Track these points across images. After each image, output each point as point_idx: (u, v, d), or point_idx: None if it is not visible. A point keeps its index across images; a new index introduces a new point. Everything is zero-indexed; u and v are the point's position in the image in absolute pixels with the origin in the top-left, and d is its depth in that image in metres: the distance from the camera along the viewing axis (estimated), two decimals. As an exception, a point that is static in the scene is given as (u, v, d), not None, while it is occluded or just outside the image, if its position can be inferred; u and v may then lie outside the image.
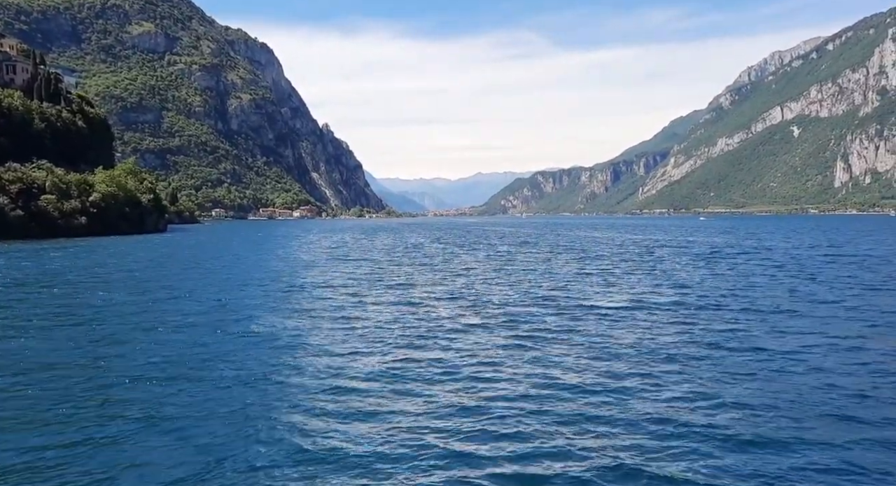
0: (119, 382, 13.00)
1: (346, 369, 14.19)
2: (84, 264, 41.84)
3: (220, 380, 13.23)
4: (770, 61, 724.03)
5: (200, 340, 17.42)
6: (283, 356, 15.41)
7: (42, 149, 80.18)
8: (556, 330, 18.82)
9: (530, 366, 14.47)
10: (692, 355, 15.34)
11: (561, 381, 13.12)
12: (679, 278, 33.08)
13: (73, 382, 12.95)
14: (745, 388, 12.60)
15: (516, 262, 46.01)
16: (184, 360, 14.95)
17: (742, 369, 14.09)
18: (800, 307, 22.86)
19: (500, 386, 12.82)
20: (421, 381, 13.22)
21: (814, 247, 61.57)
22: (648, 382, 13.02)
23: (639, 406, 11.39)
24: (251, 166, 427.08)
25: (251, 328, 19.18)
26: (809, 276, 34.02)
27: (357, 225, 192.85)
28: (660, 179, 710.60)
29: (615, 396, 12.09)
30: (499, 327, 19.40)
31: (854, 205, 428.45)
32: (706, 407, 11.36)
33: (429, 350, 16.19)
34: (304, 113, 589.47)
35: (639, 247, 64.12)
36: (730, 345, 16.50)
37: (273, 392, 12.43)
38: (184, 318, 21.00)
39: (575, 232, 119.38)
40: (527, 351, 16.01)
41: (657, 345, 16.52)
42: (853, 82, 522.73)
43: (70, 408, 11.26)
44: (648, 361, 14.82)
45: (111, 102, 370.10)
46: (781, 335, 17.78)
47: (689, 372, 13.79)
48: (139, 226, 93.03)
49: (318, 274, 37.05)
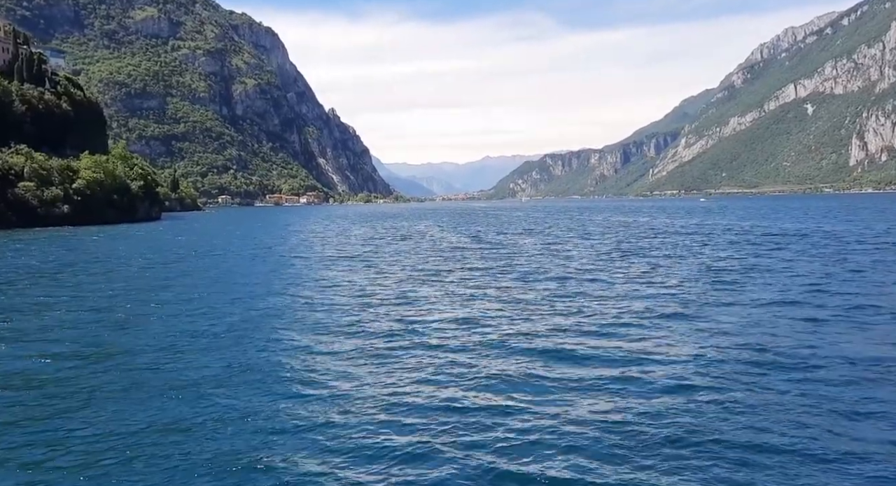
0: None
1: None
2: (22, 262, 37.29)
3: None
4: (783, 38, 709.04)
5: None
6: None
7: (22, 133, 76.17)
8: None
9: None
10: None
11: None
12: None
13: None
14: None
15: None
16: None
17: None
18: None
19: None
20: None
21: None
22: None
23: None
24: (257, 152, 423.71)
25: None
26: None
27: (355, 212, 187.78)
28: (671, 160, 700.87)
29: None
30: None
31: (870, 183, 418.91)
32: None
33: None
34: (310, 98, 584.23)
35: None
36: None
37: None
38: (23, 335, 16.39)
39: (587, 216, 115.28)
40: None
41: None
42: (869, 58, 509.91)
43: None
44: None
45: (115, 88, 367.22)
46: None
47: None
48: (130, 214, 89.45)
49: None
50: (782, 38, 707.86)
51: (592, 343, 14.63)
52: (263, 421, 9.89)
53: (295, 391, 11.29)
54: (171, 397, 11.01)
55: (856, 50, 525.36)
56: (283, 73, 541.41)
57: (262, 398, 10.97)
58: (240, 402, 10.76)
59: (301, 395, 11.08)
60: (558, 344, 14.58)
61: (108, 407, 10.55)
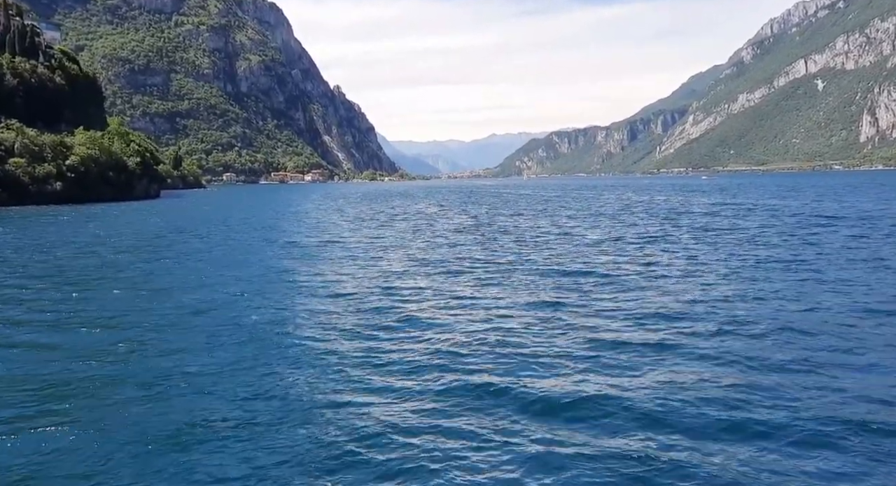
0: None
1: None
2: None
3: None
4: (794, 13, 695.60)
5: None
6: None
7: (13, 107, 74.51)
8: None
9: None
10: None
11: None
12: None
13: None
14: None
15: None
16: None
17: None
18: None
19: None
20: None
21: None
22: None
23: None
24: (262, 130, 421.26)
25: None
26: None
27: (356, 191, 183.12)
28: (678, 137, 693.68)
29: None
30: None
31: (881, 159, 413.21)
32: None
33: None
34: (315, 75, 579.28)
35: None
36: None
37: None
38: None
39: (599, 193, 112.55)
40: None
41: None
42: (882, 32, 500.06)
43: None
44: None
45: (118, 64, 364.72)
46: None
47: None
48: (127, 191, 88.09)
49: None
50: (793, 12, 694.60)
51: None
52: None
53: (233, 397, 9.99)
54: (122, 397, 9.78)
55: (868, 24, 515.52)
56: (288, 49, 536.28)
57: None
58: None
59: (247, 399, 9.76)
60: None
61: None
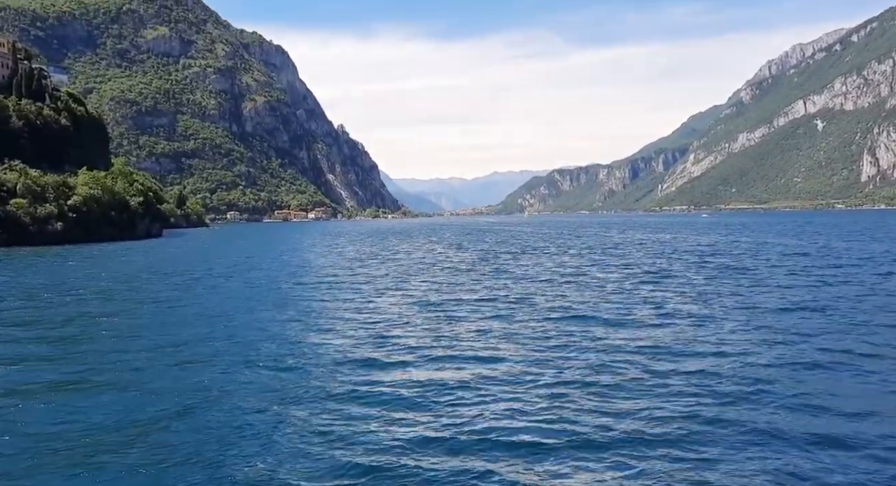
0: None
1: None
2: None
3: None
4: (791, 54, 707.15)
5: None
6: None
7: (18, 148, 75.61)
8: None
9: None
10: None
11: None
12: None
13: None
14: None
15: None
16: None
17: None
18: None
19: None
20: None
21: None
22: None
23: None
24: (266, 169, 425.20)
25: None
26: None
27: (355, 229, 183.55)
28: (679, 175, 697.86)
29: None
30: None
31: (882, 199, 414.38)
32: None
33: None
34: (320, 114, 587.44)
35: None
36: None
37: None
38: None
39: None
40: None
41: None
42: (879, 74, 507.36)
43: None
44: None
45: (125, 106, 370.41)
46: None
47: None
48: (129, 231, 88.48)
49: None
50: (790, 54, 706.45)
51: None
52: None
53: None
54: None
55: (866, 66, 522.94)
56: (293, 90, 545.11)
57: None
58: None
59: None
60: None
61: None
